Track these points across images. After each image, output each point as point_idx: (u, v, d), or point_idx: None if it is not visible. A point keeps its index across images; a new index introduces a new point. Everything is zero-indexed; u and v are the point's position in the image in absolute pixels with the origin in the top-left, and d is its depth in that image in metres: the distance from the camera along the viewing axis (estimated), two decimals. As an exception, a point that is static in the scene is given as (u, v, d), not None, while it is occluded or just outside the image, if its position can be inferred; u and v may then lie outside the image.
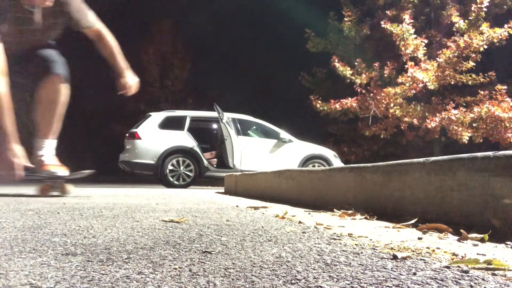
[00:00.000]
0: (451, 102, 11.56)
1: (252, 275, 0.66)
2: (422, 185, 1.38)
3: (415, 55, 11.14)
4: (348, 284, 0.61)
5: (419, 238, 1.06)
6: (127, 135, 7.42)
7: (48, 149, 2.82)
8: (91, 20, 2.77)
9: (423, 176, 1.37)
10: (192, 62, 21.27)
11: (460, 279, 0.64)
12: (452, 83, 11.23)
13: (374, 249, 0.90)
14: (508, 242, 0.99)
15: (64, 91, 2.80)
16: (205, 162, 7.36)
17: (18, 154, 2.37)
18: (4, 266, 0.69)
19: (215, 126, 8.82)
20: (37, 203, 2.15)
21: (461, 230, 1.06)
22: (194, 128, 7.82)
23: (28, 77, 2.83)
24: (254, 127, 8.13)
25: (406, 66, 11.08)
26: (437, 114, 11.12)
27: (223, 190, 4.97)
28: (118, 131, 16.80)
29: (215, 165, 7.56)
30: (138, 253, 0.82)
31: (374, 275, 0.66)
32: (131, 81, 2.97)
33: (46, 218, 1.43)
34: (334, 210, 1.77)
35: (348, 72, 12.11)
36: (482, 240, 1.02)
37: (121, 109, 19.76)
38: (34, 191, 2.89)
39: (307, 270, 0.69)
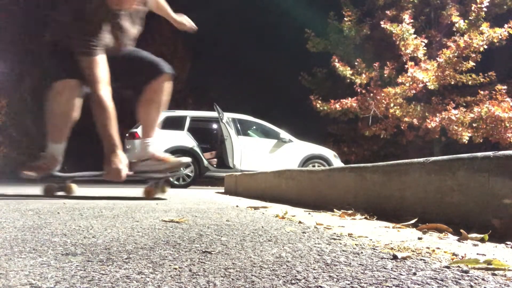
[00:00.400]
0: (451, 102, 11.57)
1: (252, 275, 0.66)
2: (422, 185, 1.37)
3: (415, 55, 11.15)
4: (348, 284, 0.61)
5: (419, 238, 1.06)
6: (127, 135, 7.41)
7: (155, 146, 2.92)
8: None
9: (423, 176, 1.37)
10: (192, 62, 21.27)
11: (460, 279, 0.64)
12: (452, 83, 11.23)
13: (374, 249, 0.90)
14: (508, 242, 0.99)
15: (169, 90, 2.87)
16: (205, 162, 7.36)
17: (123, 161, 2.50)
18: (4, 266, 0.69)
19: (215, 126, 8.82)
20: (37, 203, 2.15)
21: (461, 230, 1.06)
22: (194, 128, 7.82)
23: (130, 84, 2.93)
24: (254, 127, 8.13)
25: (406, 66, 11.09)
26: (437, 114, 11.12)
27: (223, 190, 4.97)
28: (118, 131, 16.77)
29: (215, 165, 7.56)
30: (138, 253, 0.82)
31: (374, 275, 0.66)
32: (186, 20, 3.19)
33: (46, 218, 1.43)
34: (334, 210, 1.77)
35: (348, 72, 12.12)
36: (482, 240, 1.02)
37: (121, 109, 19.74)
38: (142, 194, 2.90)
39: (307, 270, 0.69)
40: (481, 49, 10.55)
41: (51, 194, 2.84)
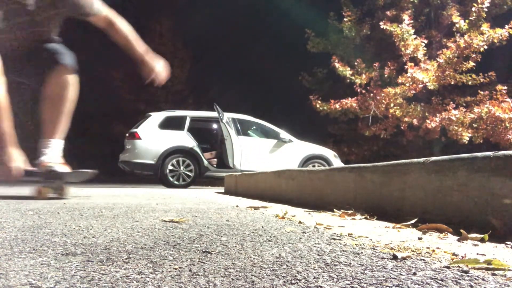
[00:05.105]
0: (451, 102, 11.57)
1: (252, 275, 0.66)
2: (422, 185, 1.37)
3: (415, 55, 11.14)
4: (348, 284, 0.61)
5: (419, 238, 1.06)
6: (127, 135, 7.42)
7: (53, 150, 2.56)
8: (97, 8, 2.50)
9: (423, 176, 1.37)
10: (192, 62, 21.28)
11: (460, 279, 0.64)
12: (452, 83, 11.23)
13: (374, 249, 0.90)
14: (508, 242, 0.99)
15: (72, 85, 2.55)
16: (205, 162, 7.36)
17: (16, 158, 2.22)
18: (4, 266, 0.69)
19: (215, 126, 8.82)
20: (37, 203, 2.14)
21: (461, 230, 1.06)
22: (194, 128, 7.83)
23: (31, 75, 2.62)
24: (254, 127, 8.14)
25: (406, 66, 11.09)
26: (437, 114, 11.12)
27: (223, 190, 4.97)
28: (118, 131, 16.81)
29: (215, 165, 7.56)
30: (138, 253, 0.82)
31: (374, 275, 0.66)
32: (157, 66, 2.70)
33: (46, 218, 1.43)
34: (334, 210, 1.77)
35: (348, 72, 12.12)
36: (482, 240, 1.02)
37: (121, 109, 19.77)
38: (31, 193, 2.62)
39: (307, 270, 0.69)
40: (481, 49, 10.55)
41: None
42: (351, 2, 13.17)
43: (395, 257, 0.80)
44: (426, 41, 11.27)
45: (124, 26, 2.63)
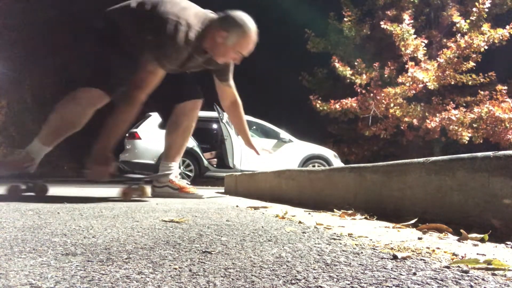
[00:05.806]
0: (451, 102, 11.58)
1: (252, 275, 0.66)
2: (422, 185, 1.37)
3: (415, 55, 11.15)
4: (348, 284, 0.61)
5: (419, 238, 1.06)
6: (127, 135, 7.42)
7: (176, 171, 2.97)
8: (230, 79, 2.89)
9: (423, 176, 1.37)
10: (192, 62, 21.24)
11: (460, 279, 0.64)
12: (452, 83, 11.24)
13: (374, 249, 0.90)
14: (508, 242, 0.99)
15: (196, 117, 3.01)
16: (205, 162, 7.36)
17: (111, 163, 2.42)
18: (4, 266, 0.69)
19: (215, 126, 8.82)
20: (37, 203, 2.15)
21: (461, 230, 1.06)
22: (194, 128, 7.82)
23: (164, 103, 2.92)
24: (254, 127, 8.14)
25: (406, 66, 11.10)
26: (437, 114, 11.13)
27: (223, 190, 4.97)
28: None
29: (215, 165, 7.56)
30: (138, 253, 0.82)
31: (374, 275, 0.66)
32: (257, 149, 3.15)
33: (46, 218, 1.43)
34: (334, 210, 1.77)
35: (348, 72, 12.12)
36: (482, 240, 1.02)
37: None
38: (117, 194, 2.68)
39: (307, 270, 0.70)
40: (482, 49, 10.55)
41: (16, 194, 2.55)
42: (351, 2, 13.17)
43: (395, 257, 0.80)
44: (426, 41, 11.28)
45: (242, 109, 2.99)
